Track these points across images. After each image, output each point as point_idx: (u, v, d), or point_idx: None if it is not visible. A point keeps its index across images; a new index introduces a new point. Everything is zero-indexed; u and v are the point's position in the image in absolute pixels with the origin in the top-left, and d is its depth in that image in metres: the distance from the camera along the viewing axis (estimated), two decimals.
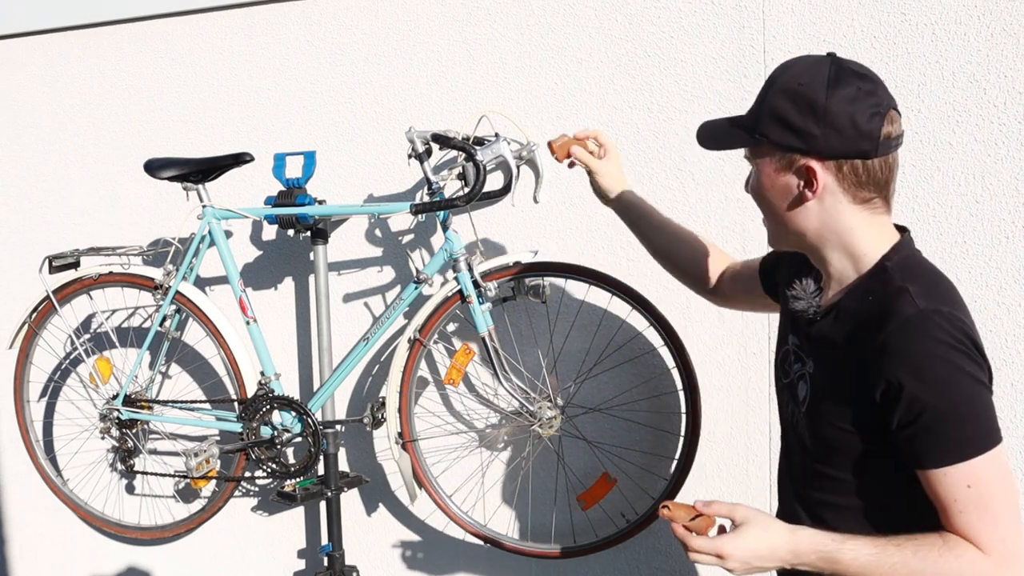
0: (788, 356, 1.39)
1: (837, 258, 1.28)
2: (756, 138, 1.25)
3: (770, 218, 1.32)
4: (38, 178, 2.80)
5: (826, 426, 1.27)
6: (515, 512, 2.39)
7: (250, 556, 2.73)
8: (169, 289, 2.38)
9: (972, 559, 1.14)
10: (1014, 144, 1.89)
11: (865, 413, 1.21)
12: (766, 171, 1.26)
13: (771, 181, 1.27)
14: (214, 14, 2.53)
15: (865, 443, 1.23)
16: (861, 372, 1.20)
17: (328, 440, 2.30)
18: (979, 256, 1.94)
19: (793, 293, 1.33)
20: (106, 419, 2.52)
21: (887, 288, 1.21)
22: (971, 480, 1.14)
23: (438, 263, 2.14)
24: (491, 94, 2.28)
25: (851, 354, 1.22)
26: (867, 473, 1.26)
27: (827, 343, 1.27)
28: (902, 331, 1.15)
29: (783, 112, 1.21)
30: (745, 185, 1.35)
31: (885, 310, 1.19)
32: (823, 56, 1.25)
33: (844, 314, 1.26)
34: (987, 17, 1.87)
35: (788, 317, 1.40)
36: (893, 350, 1.15)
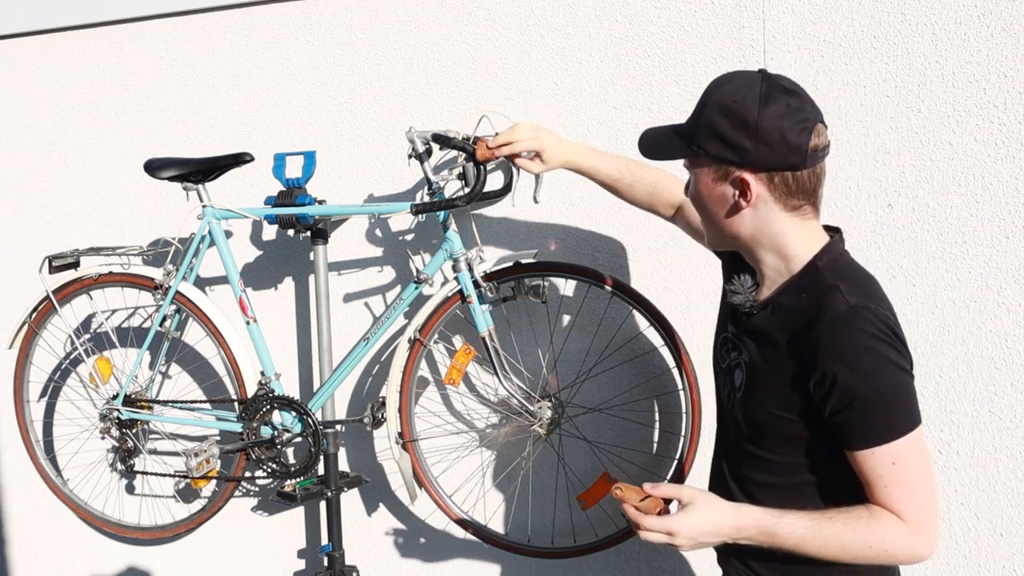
0: (726, 343, 1.50)
1: (771, 259, 1.39)
2: (694, 150, 1.34)
3: (707, 222, 1.41)
4: (38, 178, 2.80)
5: (760, 411, 1.39)
6: (515, 512, 2.39)
7: (250, 556, 2.73)
8: (169, 289, 2.38)
9: (894, 526, 1.27)
10: (1014, 144, 1.89)
11: (798, 401, 1.32)
12: (704, 180, 1.36)
13: (708, 190, 1.37)
14: (214, 14, 2.53)
15: (796, 428, 1.35)
16: (796, 363, 1.31)
17: (328, 440, 2.30)
18: (979, 256, 1.94)
19: (731, 288, 1.43)
20: (106, 419, 2.52)
21: (819, 286, 1.33)
22: (895, 458, 1.27)
23: (438, 263, 2.14)
24: (491, 94, 2.28)
25: (786, 346, 1.34)
26: (796, 454, 1.37)
27: (763, 336, 1.39)
28: (834, 325, 1.27)
29: (719, 127, 1.31)
30: (685, 190, 1.45)
31: (818, 306, 1.30)
32: (755, 73, 1.34)
33: (779, 309, 1.37)
34: (987, 17, 1.87)
35: (727, 308, 1.51)
36: (826, 343, 1.27)
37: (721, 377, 1.54)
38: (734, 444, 1.49)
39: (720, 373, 1.55)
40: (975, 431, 1.98)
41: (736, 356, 1.46)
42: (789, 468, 1.38)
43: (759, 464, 1.42)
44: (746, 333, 1.43)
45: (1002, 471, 1.98)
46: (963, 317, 1.97)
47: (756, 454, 1.42)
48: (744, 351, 1.43)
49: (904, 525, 1.28)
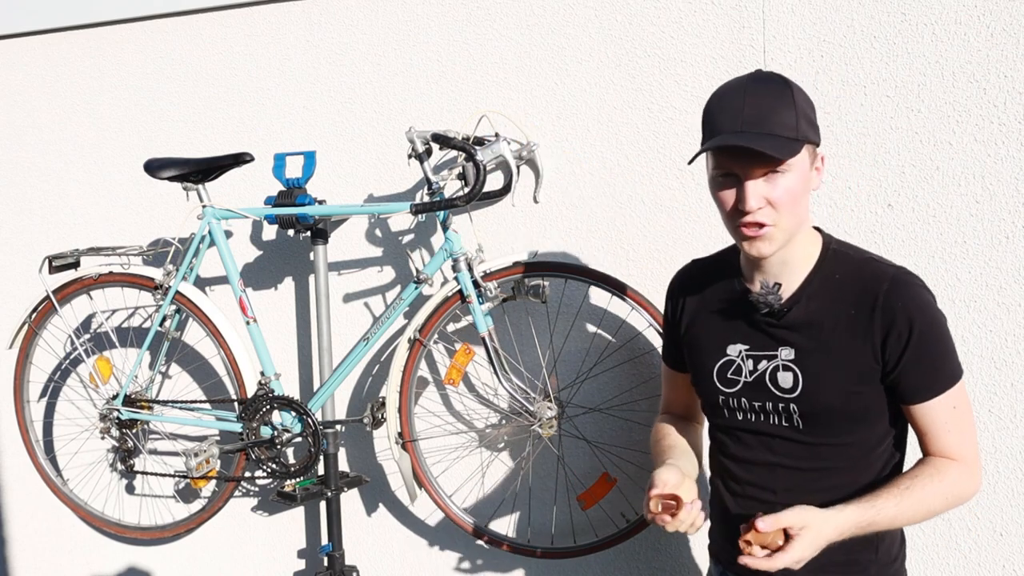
0: (731, 364, 1.50)
1: (802, 248, 1.43)
2: (800, 141, 1.33)
3: (792, 216, 1.36)
4: (38, 178, 2.80)
5: (833, 395, 1.39)
6: (515, 512, 2.39)
7: (250, 556, 2.73)
8: (169, 289, 2.38)
9: (958, 470, 1.39)
10: (1014, 144, 1.89)
11: (875, 368, 1.37)
12: (801, 171, 1.35)
13: (805, 179, 1.36)
14: (214, 14, 2.53)
15: (872, 399, 1.40)
16: (864, 333, 1.37)
17: (328, 440, 2.30)
18: (979, 256, 1.94)
19: (758, 296, 1.43)
20: (106, 419, 2.52)
21: (849, 263, 1.42)
22: (955, 402, 1.39)
23: (438, 263, 2.14)
24: (491, 94, 2.28)
25: (845, 323, 1.38)
26: (865, 429, 1.42)
27: (810, 325, 1.41)
28: (898, 287, 1.36)
29: (809, 114, 1.36)
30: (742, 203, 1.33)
31: (862, 278, 1.39)
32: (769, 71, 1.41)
33: (815, 296, 1.41)
34: (987, 17, 1.87)
35: (721, 332, 1.51)
36: (896, 303, 1.35)
37: (740, 397, 1.49)
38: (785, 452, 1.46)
39: (735, 395, 1.50)
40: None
41: (768, 363, 1.45)
42: (857, 445, 1.42)
43: (823, 453, 1.43)
44: (781, 332, 1.43)
45: (1002, 471, 1.98)
46: (963, 317, 1.97)
47: (819, 446, 1.43)
48: (787, 349, 1.43)
49: (963, 466, 1.39)
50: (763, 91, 1.34)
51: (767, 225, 1.34)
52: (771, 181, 1.32)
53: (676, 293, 1.63)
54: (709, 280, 1.56)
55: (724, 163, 1.35)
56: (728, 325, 1.50)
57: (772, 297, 1.41)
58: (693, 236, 2.14)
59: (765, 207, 1.33)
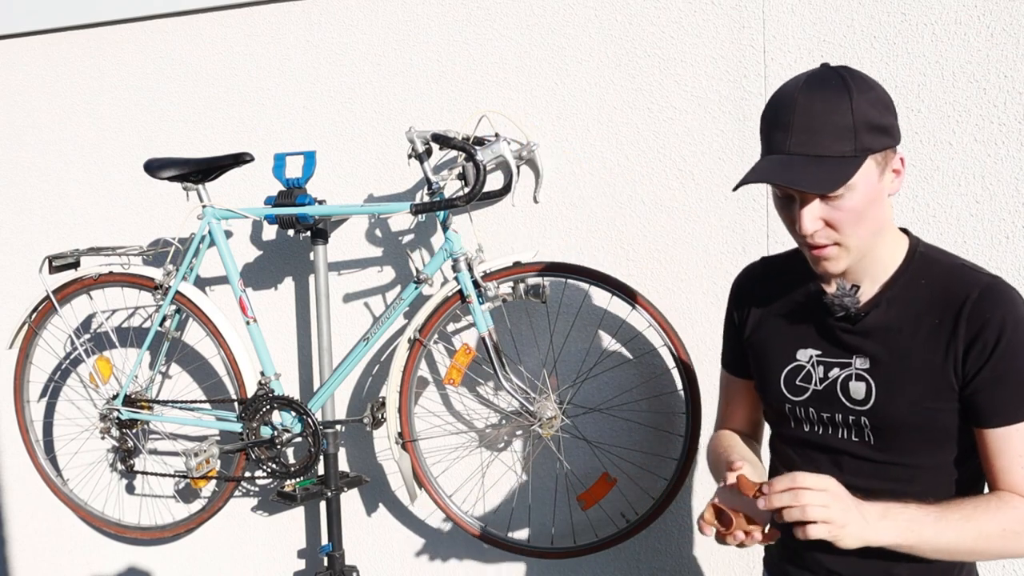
0: (801, 371, 1.39)
1: (886, 250, 1.32)
2: (861, 156, 1.20)
3: (857, 233, 1.25)
4: (38, 178, 2.80)
5: (907, 410, 1.28)
6: (515, 512, 2.39)
7: (250, 556, 2.73)
8: (169, 289, 2.38)
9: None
10: (1014, 144, 1.89)
11: (953, 384, 1.26)
12: (868, 182, 1.21)
13: (873, 190, 1.23)
14: (214, 14, 2.53)
15: (947, 418, 1.28)
16: (945, 345, 1.25)
17: (328, 440, 2.30)
18: (979, 256, 1.94)
19: (834, 298, 1.32)
20: (106, 419, 2.52)
21: (936, 268, 1.30)
22: None
23: (438, 263, 2.14)
24: (491, 94, 2.28)
25: (925, 334, 1.27)
26: (940, 451, 1.30)
27: (887, 332, 1.30)
28: (988, 297, 1.24)
29: (873, 119, 1.21)
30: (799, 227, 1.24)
31: (950, 286, 1.27)
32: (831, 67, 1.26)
33: (895, 302, 1.30)
34: (987, 17, 1.87)
35: (792, 336, 1.41)
36: (984, 315, 1.23)
37: (809, 407, 1.38)
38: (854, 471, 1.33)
39: (804, 404, 1.39)
40: None
41: (841, 371, 1.34)
42: (930, 469, 1.30)
43: (893, 473, 1.31)
44: (857, 339, 1.33)
45: None
46: None
47: (890, 464, 1.31)
48: (861, 357, 1.32)
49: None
50: (815, 101, 1.20)
51: (830, 245, 1.24)
52: (830, 202, 1.21)
53: (742, 293, 1.51)
54: (780, 279, 1.45)
55: (778, 185, 1.24)
56: (799, 328, 1.39)
57: (849, 299, 1.30)
58: (693, 236, 2.14)
59: (823, 228, 1.23)
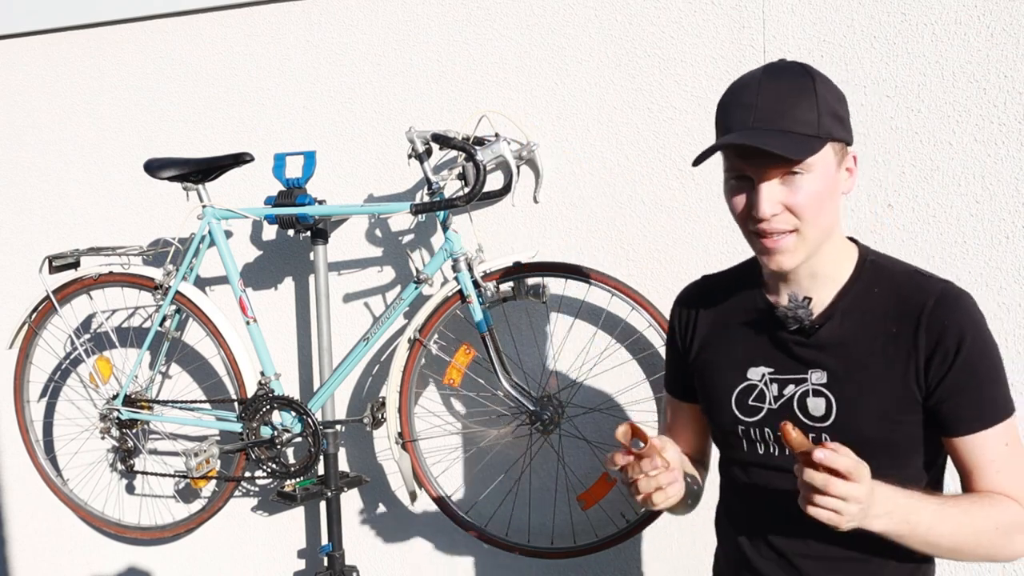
0: (753, 390, 1.32)
1: (835, 258, 1.28)
2: (821, 140, 1.17)
3: (816, 224, 1.20)
4: (38, 178, 2.80)
5: (871, 425, 1.23)
6: (515, 512, 2.39)
7: (250, 556, 2.73)
8: (169, 289, 2.38)
9: (1016, 508, 1.20)
10: (1014, 144, 1.89)
11: (916, 395, 1.22)
12: (826, 172, 1.19)
13: (831, 182, 1.20)
14: (214, 14, 2.53)
15: (912, 430, 1.24)
16: (906, 354, 1.22)
17: (328, 440, 2.30)
18: (979, 256, 1.94)
19: (786, 311, 1.27)
20: (106, 419, 2.52)
21: (889, 276, 1.26)
22: (1007, 438, 1.21)
23: (438, 263, 2.14)
24: (491, 94, 2.28)
25: (880, 343, 1.23)
26: (906, 465, 1.26)
27: (844, 345, 1.25)
28: (945, 304, 1.21)
29: (835, 108, 1.21)
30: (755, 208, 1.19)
31: (905, 294, 1.24)
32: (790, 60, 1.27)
33: (848, 313, 1.26)
34: (987, 17, 1.87)
35: (741, 353, 1.34)
36: (944, 321, 1.20)
37: (765, 427, 1.31)
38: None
39: (763, 423, 1.31)
40: None
41: (797, 386, 1.28)
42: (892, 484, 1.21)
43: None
44: (816, 351, 1.27)
45: None
46: None
47: None
48: (818, 372, 1.27)
49: (1020, 507, 1.20)
50: (779, 82, 1.19)
51: (786, 234, 1.19)
52: (789, 184, 1.17)
53: (684, 311, 1.44)
54: (725, 295, 1.39)
55: (736, 164, 1.21)
56: (749, 345, 1.33)
57: (802, 311, 1.25)
58: (693, 236, 2.14)
59: (782, 213, 1.18)
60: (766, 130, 1.16)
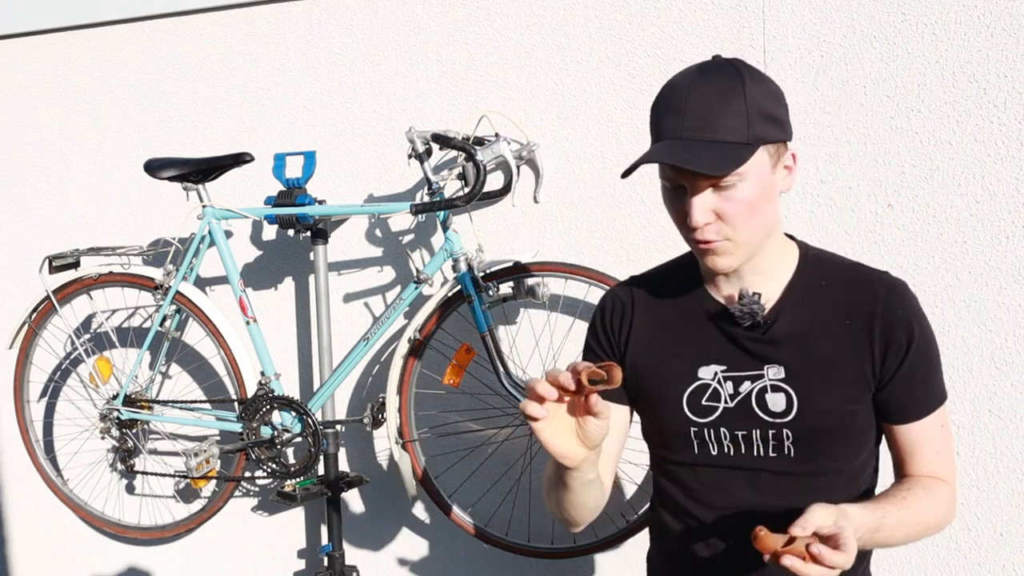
0: (706, 389, 1.30)
1: (777, 255, 1.30)
2: (753, 144, 1.16)
3: (749, 228, 1.20)
4: (38, 178, 2.80)
5: (829, 416, 1.25)
6: (515, 512, 2.39)
7: (250, 556, 2.73)
8: (169, 289, 2.38)
9: (945, 491, 1.28)
10: (1014, 144, 1.89)
11: (869, 383, 1.26)
12: (760, 175, 1.18)
13: (766, 184, 1.19)
14: (214, 14, 2.53)
15: (864, 417, 1.28)
16: (860, 344, 1.25)
17: (328, 440, 2.30)
18: (979, 256, 1.94)
19: (740, 308, 1.26)
20: (106, 419, 2.52)
21: (833, 269, 1.30)
22: (942, 421, 1.29)
23: (438, 263, 2.14)
24: (491, 94, 2.28)
25: (834, 334, 1.26)
26: (857, 451, 1.30)
27: (799, 339, 1.26)
28: (895, 295, 1.25)
29: (767, 109, 1.18)
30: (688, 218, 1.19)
31: (851, 285, 1.27)
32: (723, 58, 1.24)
33: (801, 305, 1.28)
34: (987, 17, 1.87)
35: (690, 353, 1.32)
36: (894, 312, 1.24)
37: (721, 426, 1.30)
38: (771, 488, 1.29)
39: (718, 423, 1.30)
40: (975, 431, 1.98)
41: (754, 383, 1.28)
42: (846, 473, 1.28)
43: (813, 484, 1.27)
44: (771, 346, 1.27)
45: (1002, 471, 1.98)
46: (963, 317, 1.96)
47: (812, 474, 1.27)
48: (775, 367, 1.27)
49: (948, 487, 1.28)
50: (708, 86, 1.16)
51: (719, 240, 1.20)
52: (722, 192, 1.17)
53: (614, 318, 1.40)
54: (661, 294, 1.37)
55: (668, 174, 1.21)
56: (697, 344, 1.31)
57: (757, 307, 1.25)
58: None
59: (715, 222, 1.18)
60: (693, 141, 1.15)
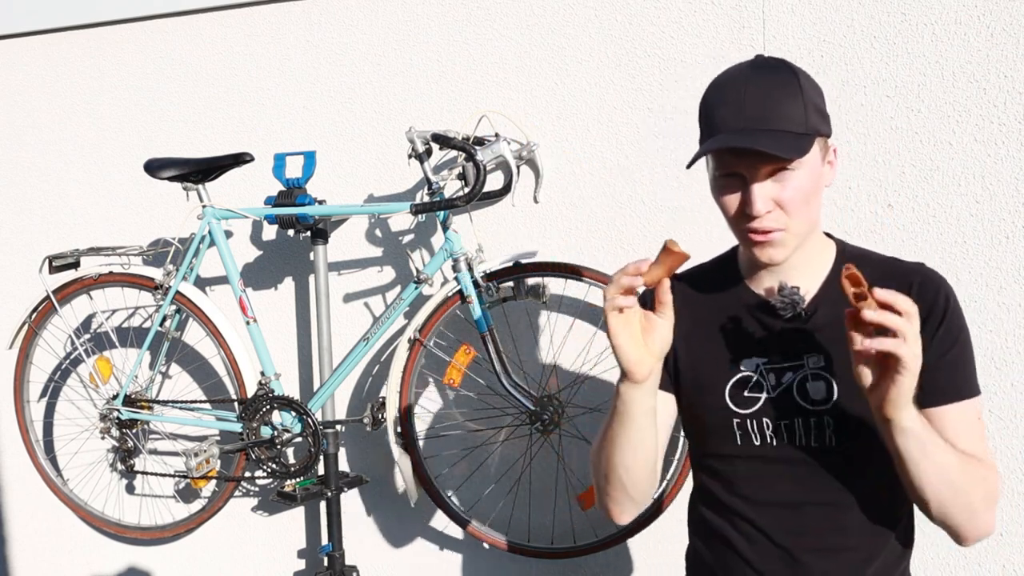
0: (748, 381, 1.33)
1: (816, 249, 1.32)
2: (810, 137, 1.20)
3: (804, 218, 1.24)
4: (38, 178, 2.80)
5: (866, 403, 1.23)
6: (515, 512, 2.39)
7: (250, 556, 2.73)
8: (169, 289, 2.38)
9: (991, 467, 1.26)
10: (1014, 144, 1.89)
11: None
12: (812, 167, 1.23)
13: (817, 175, 1.24)
14: (214, 14, 2.53)
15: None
16: None
17: (328, 440, 2.30)
18: (979, 256, 1.94)
19: (781, 299, 1.28)
20: (106, 419, 2.52)
21: (870, 262, 1.30)
22: (978, 412, 1.28)
23: (438, 263, 2.14)
24: (491, 94, 2.28)
25: None
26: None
27: (835, 329, 1.26)
28: (928, 282, 1.27)
29: (818, 103, 1.24)
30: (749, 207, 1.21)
31: (894, 275, 1.28)
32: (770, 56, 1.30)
33: (836, 300, 1.27)
34: (987, 17, 1.87)
35: (731, 347, 1.35)
36: (926, 295, 1.25)
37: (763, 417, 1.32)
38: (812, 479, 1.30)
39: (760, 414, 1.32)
40: None
41: (795, 373, 1.30)
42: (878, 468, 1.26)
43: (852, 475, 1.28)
44: (812, 336, 1.30)
45: (1002, 471, 1.98)
46: None
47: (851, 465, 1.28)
48: (815, 356, 1.29)
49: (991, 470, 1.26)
50: (767, 81, 1.21)
51: (777, 230, 1.22)
52: (780, 181, 1.20)
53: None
54: (702, 292, 1.40)
55: (727, 163, 1.22)
56: (739, 338, 1.34)
57: (797, 298, 1.27)
58: (693, 236, 2.14)
59: (774, 210, 1.21)
60: (757, 130, 1.19)
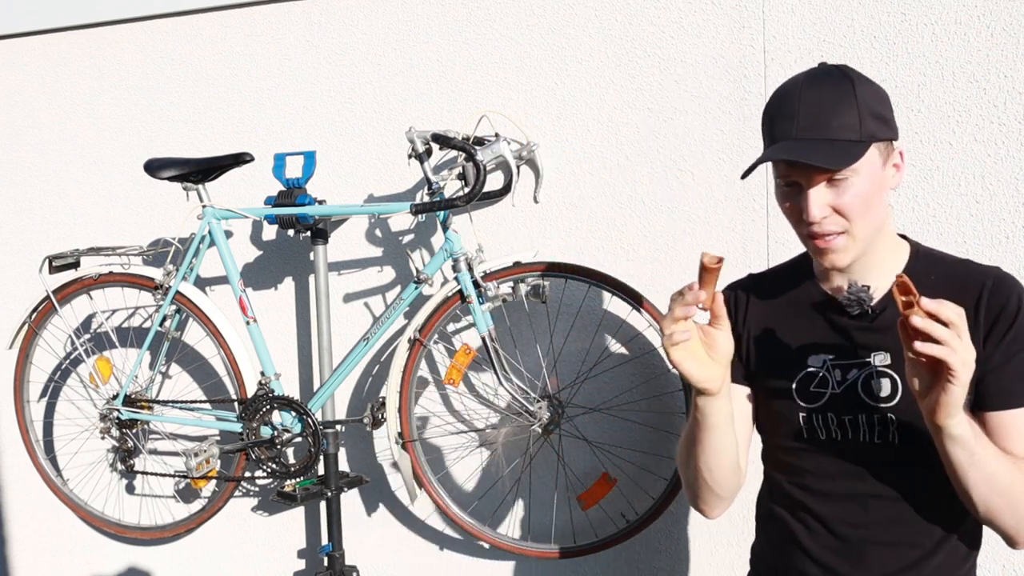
0: (814, 377, 1.36)
1: (888, 249, 1.34)
2: (864, 142, 1.23)
3: (864, 222, 1.26)
4: (38, 178, 2.80)
5: None
6: (515, 512, 2.39)
7: (250, 556, 2.73)
8: (169, 289, 2.38)
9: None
10: (1014, 144, 1.89)
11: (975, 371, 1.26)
12: (872, 171, 1.25)
13: (877, 180, 1.26)
14: (214, 14, 2.53)
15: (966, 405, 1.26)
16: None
17: (328, 440, 2.30)
18: (979, 256, 1.93)
19: (848, 296, 1.31)
20: (106, 419, 2.52)
21: (944, 264, 1.34)
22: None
23: (438, 263, 2.14)
24: (491, 94, 2.28)
25: None
26: None
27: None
28: (1001, 283, 1.28)
29: (876, 108, 1.26)
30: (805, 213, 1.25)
31: (961, 279, 1.31)
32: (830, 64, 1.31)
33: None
34: (987, 17, 1.87)
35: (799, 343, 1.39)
36: (999, 296, 1.27)
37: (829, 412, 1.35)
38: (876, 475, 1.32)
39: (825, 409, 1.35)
40: None
41: (861, 370, 1.33)
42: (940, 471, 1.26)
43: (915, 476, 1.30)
44: (879, 334, 1.32)
45: None
46: None
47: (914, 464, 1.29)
48: (881, 354, 1.32)
49: None
50: (820, 90, 1.25)
51: (837, 234, 1.26)
52: (837, 187, 1.23)
53: (738, 298, 1.48)
54: (775, 291, 1.45)
55: (784, 172, 1.27)
56: (807, 335, 1.38)
57: (864, 295, 1.30)
58: (693, 236, 2.14)
59: (831, 215, 1.25)
60: (809, 140, 1.23)
